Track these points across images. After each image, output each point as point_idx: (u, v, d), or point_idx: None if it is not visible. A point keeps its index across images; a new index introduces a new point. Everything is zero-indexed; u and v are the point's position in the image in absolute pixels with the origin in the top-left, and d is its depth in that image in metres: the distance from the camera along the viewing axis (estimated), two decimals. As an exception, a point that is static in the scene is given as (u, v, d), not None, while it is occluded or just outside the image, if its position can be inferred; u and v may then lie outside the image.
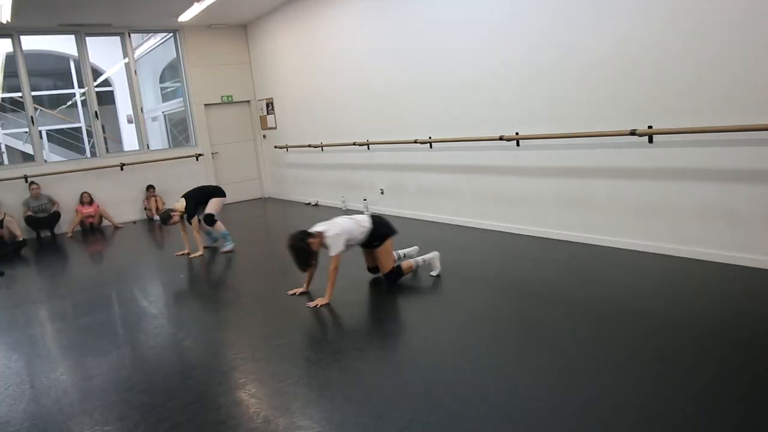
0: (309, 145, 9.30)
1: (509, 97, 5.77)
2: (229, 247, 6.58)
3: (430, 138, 6.82)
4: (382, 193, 7.95)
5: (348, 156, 8.53)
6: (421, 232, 6.67)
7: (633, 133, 4.63)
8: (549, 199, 5.60)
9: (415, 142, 6.97)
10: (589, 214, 5.25)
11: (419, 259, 4.86)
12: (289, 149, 10.09)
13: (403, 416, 2.68)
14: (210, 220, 6.56)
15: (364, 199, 8.13)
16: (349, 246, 4.53)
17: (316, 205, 9.36)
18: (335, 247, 4.39)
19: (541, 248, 5.37)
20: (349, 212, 8.44)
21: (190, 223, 6.52)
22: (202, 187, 6.94)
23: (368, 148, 8.00)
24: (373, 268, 4.90)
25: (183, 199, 6.57)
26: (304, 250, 4.36)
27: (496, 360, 3.18)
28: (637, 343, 3.20)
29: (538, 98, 5.48)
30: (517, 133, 5.71)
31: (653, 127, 4.55)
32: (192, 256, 6.52)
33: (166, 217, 6.45)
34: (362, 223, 4.59)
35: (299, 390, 3.05)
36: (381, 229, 4.64)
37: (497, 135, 5.84)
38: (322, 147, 9.07)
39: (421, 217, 7.23)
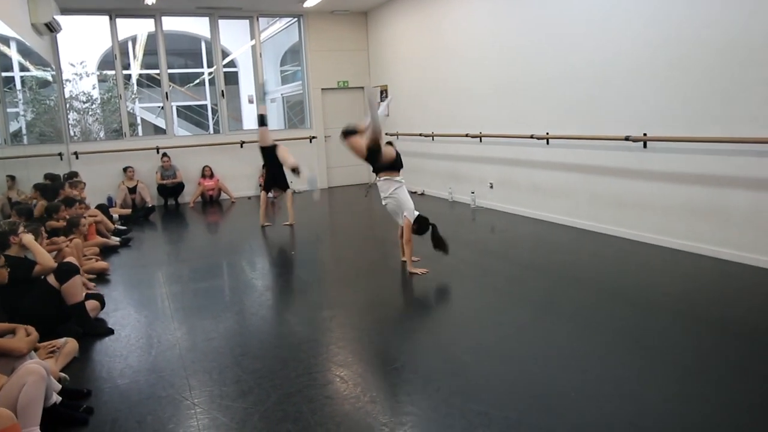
0: (420, 134, 9.31)
1: (638, 95, 5.43)
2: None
3: (547, 134, 6.58)
4: (491, 187, 7.81)
5: (458, 147, 8.44)
6: (531, 230, 6.48)
7: (784, 141, 4.20)
8: (677, 207, 5.22)
9: (531, 137, 6.76)
10: (724, 226, 4.83)
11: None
12: (399, 137, 10.15)
13: (510, 416, 2.62)
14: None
15: (472, 192, 8.02)
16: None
17: (422, 194, 9.37)
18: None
19: (664, 258, 5.02)
20: (454, 204, 8.38)
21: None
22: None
23: (480, 141, 7.86)
24: None
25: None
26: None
27: (610, 370, 3.02)
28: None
29: (671, 96, 5.10)
30: (645, 134, 5.36)
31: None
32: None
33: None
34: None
35: (405, 376, 3.06)
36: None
37: (623, 135, 5.51)
38: (432, 136, 9.05)
39: (531, 215, 7.02)
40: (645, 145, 5.41)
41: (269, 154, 7.23)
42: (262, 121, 7.35)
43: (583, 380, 2.92)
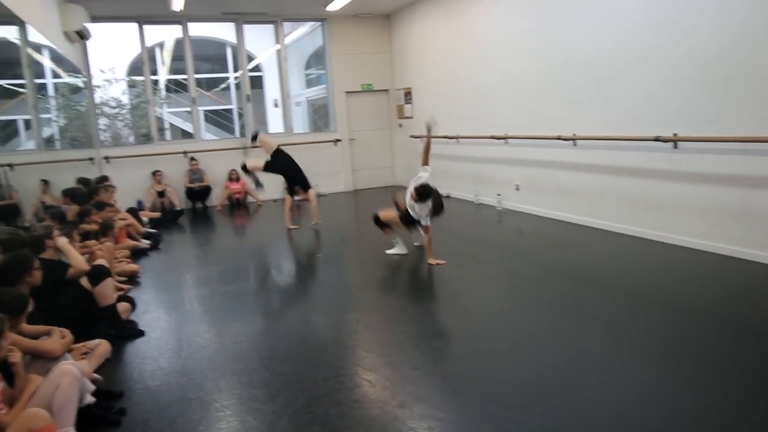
0: (445, 137, 9.26)
1: (667, 95, 5.33)
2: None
3: (574, 135, 6.50)
4: (517, 189, 7.74)
5: (484, 149, 8.39)
6: (557, 232, 6.40)
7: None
8: (707, 209, 5.10)
9: (558, 138, 6.68)
10: (756, 228, 4.71)
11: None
12: (423, 139, 10.12)
13: (539, 421, 2.59)
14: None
15: (498, 194, 7.97)
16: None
17: (447, 197, 9.31)
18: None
19: (694, 261, 4.92)
20: (480, 207, 8.33)
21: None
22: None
23: (506, 143, 7.80)
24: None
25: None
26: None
27: (637, 374, 2.96)
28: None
29: (702, 96, 5.00)
30: (675, 134, 5.26)
31: None
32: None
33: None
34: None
35: (433, 380, 3.05)
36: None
37: (652, 135, 5.42)
38: (457, 139, 9.01)
39: (558, 217, 6.93)
40: (675, 146, 5.31)
41: (281, 157, 7.38)
42: (255, 137, 7.76)
43: (609, 383, 2.88)
